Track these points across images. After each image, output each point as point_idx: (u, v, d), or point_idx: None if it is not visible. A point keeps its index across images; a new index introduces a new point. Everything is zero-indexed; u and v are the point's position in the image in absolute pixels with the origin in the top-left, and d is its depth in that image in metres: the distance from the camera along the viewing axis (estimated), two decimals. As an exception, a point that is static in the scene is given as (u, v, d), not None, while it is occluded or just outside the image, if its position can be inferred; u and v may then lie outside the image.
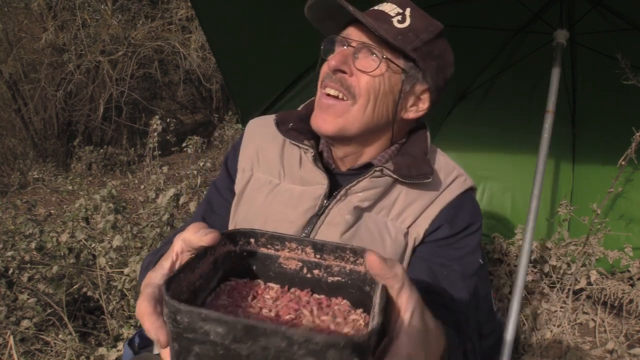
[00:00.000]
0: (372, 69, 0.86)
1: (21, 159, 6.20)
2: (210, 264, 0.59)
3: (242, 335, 0.42)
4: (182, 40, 5.80)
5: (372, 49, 0.86)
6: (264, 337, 0.42)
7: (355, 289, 0.61)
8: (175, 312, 0.44)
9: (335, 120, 0.89)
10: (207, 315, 0.43)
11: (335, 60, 0.86)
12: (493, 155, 3.02)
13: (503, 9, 2.15)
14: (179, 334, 0.45)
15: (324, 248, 0.62)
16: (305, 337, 0.41)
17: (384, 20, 0.87)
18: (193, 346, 0.45)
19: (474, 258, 0.94)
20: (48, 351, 2.03)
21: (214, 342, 0.44)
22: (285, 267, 0.63)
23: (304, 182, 0.95)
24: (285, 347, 0.42)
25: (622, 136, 2.10)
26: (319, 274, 0.63)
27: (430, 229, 0.93)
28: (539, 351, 2.29)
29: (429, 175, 0.89)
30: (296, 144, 0.95)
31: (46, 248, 2.34)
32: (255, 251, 0.64)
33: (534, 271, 2.67)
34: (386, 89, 0.89)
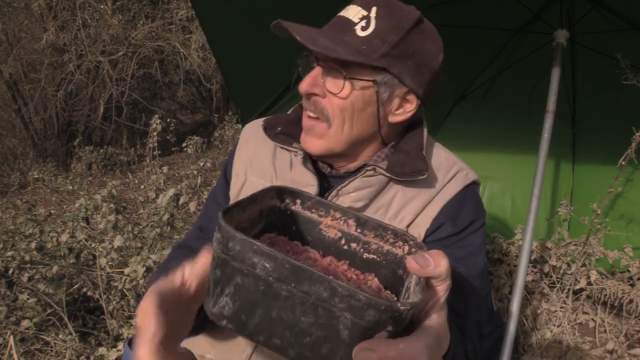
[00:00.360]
0: (338, 90, 0.84)
1: (21, 159, 6.20)
2: (257, 211, 0.59)
3: (287, 275, 0.43)
4: (182, 41, 5.80)
5: (337, 69, 0.83)
6: (308, 282, 0.42)
7: (389, 270, 0.61)
8: (229, 239, 0.44)
9: (318, 142, 0.89)
10: (260, 248, 0.43)
11: (305, 85, 0.85)
12: (493, 155, 3.02)
13: (503, 9, 2.15)
14: (226, 261, 0.45)
15: (367, 224, 0.62)
16: (350, 292, 0.41)
17: (346, 31, 0.82)
18: (236, 276, 0.45)
19: (479, 258, 0.91)
20: (48, 351, 2.03)
21: (258, 276, 0.44)
22: (324, 234, 0.63)
23: (294, 184, 0.92)
24: (326, 297, 0.42)
25: (622, 136, 2.10)
26: (355, 248, 0.63)
27: (431, 228, 0.90)
28: (539, 351, 2.29)
29: (424, 171, 0.86)
30: (285, 148, 0.95)
31: (46, 248, 2.34)
32: (299, 212, 0.64)
33: (534, 271, 2.67)
34: (360, 106, 0.86)
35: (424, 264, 0.48)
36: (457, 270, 0.88)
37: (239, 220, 0.54)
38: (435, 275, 0.49)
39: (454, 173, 0.94)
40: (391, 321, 0.42)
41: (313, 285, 0.42)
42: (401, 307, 0.42)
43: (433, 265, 0.49)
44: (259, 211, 0.59)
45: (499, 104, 2.83)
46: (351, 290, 0.41)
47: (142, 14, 6.00)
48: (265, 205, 0.61)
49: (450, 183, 0.93)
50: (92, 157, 6.04)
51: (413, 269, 0.49)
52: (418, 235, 0.90)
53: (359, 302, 0.41)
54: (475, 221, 0.93)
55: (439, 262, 0.49)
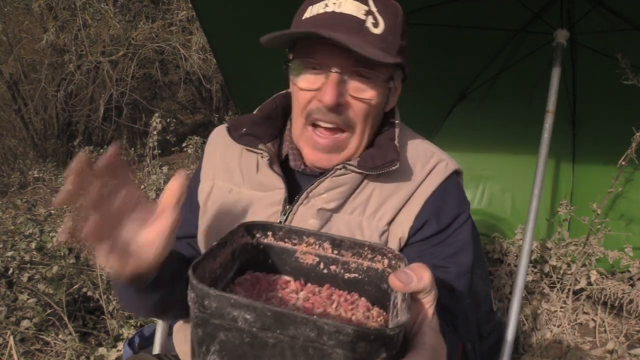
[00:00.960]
0: (368, 96, 0.80)
1: (21, 159, 6.20)
2: (229, 254, 0.58)
3: (271, 323, 0.42)
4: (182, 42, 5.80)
5: (362, 73, 0.79)
6: (293, 325, 0.41)
7: (372, 286, 0.61)
8: (204, 297, 0.44)
9: (338, 157, 0.85)
10: (237, 301, 0.42)
11: (332, 96, 0.77)
12: (493, 155, 3.03)
13: (503, 9, 2.15)
14: (205, 319, 0.44)
15: (342, 244, 0.61)
16: (337, 328, 0.40)
17: (361, 31, 0.78)
18: (218, 333, 0.44)
19: (467, 253, 0.88)
20: (48, 351, 2.03)
21: (241, 329, 0.43)
22: (301, 262, 0.63)
23: (262, 187, 0.90)
24: (314, 337, 0.41)
25: (622, 136, 2.10)
26: (335, 270, 0.62)
27: (415, 226, 0.86)
28: (539, 351, 2.28)
29: (395, 161, 0.82)
30: (250, 150, 0.90)
31: (46, 248, 2.34)
32: (272, 245, 0.63)
33: (534, 271, 2.67)
34: (380, 105, 0.85)
35: (406, 280, 0.48)
36: (447, 268, 0.86)
37: (211, 269, 0.53)
38: (420, 289, 0.49)
39: (434, 164, 0.90)
40: (384, 348, 0.42)
41: (298, 328, 0.41)
42: (390, 333, 0.41)
43: (416, 280, 0.48)
44: (230, 253, 0.59)
45: (499, 104, 2.83)
46: (338, 326, 0.40)
47: (143, 14, 6.00)
48: (236, 245, 0.60)
49: (430, 176, 0.89)
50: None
51: (396, 287, 0.48)
52: (402, 235, 0.87)
53: (348, 336, 0.40)
54: (461, 214, 0.90)
55: (422, 276, 0.49)
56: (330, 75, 0.78)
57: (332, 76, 0.78)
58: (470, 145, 2.95)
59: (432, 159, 0.91)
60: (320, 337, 0.41)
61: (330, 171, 0.86)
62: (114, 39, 5.84)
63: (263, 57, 2.09)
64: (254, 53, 2.07)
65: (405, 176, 0.88)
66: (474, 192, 3.02)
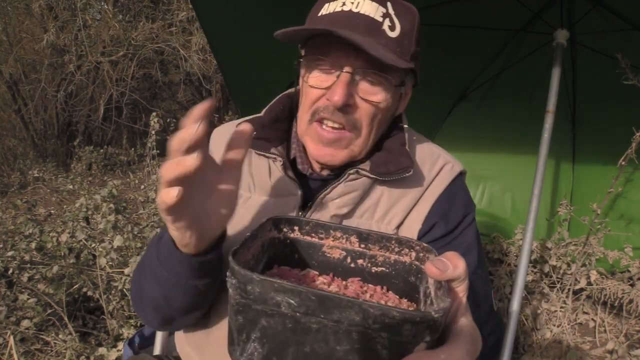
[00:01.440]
0: (378, 99, 0.80)
1: (21, 159, 6.20)
2: (259, 246, 0.59)
3: (315, 307, 0.42)
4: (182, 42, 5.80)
5: (373, 76, 0.78)
6: (338, 309, 0.41)
7: (400, 279, 0.61)
8: (247, 282, 0.43)
9: (342, 153, 0.83)
10: (281, 285, 0.42)
11: (341, 96, 0.76)
12: (493, 155, 3.03)
13: (503, 9, 2.15)
14: (247, 305, 0.44)
15: (369, 237, 0.61)
16: (382, 311, 0.40)
17: (377, 33, 0.77)
18: (260, 319, 0.44)
19: (472, 254, 0.88)
20: (48, 351, 2.03)
21: (284, 314, 0.43)
22: (328, 256, 0.63)
23: (275, 193, 0.87)
24: (359, 321, 0.41)
25: (622, 136, 2.10)
26: (363, 264, 0.62)
27: (424, 229, 0.86)
28: (539, 351, 2.28)
29: (409, 168, 0.82)
30: (262, 154, 0.88)
31: (46, 248, 2.34)
32: (298, 239, 0.63)
33: (534, 271, 2.67)
34: (389, 109, 0.84)
35: (443, 267, 0.49)
36: None
37: (245, 259, 0.54)
38: (455, 276, 0.49)
39: (440, 167, 0.90)
40: (428, 331, 0.42)
41: (343, 311, 0.41)
42: (436, 315, 0.41)
43: (452, 268, 0.49)
44: (260, 246, 0.59)
45: (498, 104, 2.83)
46: (383, 309, 0.40)
47: (143, 14, 6.00)
48: (265, 238, 0.61)
49: (437, 178, 0.89)
50: (92, 157, 6.04)
51: (433, 274, 0.49)
52: (410, 236, 0.86)
53: (394, 319, 0.40)
54: (467, 215, 0.90)
55: (457, 264, 0.50)
56: (342, 75, 0.78)
57: (343, 76, 0.77)
58: (470, 145, 2.95)
59: (438, 161, 0.91)
60: (365, 320, 0.41)
61: (342, 176, 0.85)
62: (114, 39, 5.84)
63: (263, 57, 2.09)
64: (254, 53, 2.07)
65: (412, 179, 0.87)
66: (474, 192, 3.02)
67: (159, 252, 0.72)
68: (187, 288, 0.72)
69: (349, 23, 0.77)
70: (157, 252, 0.72)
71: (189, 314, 0.80)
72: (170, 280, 0.71)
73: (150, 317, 0.83)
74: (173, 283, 0.72)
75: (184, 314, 0.80)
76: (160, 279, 0.73)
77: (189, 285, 0.71)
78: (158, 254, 0.72)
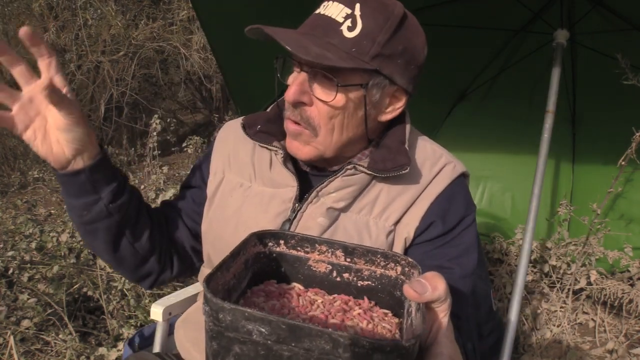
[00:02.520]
0: (330, 98, 0.79)
1: (21, 159, 6.20)
2: (242, 264, 0.59)
3: (286, 335, 0.42)
4: (183, 42, 5.80)
5: (326, 76, 0.78)
6: (308, 338, 0.41)
7: (386, 293, 0.61)
8: (218, 310, 0.44)
9: (305, 148, 0.85)
10: (251, 315, 0.42)
11: (293, 93, 0.80)
12: (493, 155, 3.03)
13: (503, 9, 2.15)
14: (220, 332, 0.44)
15: (355, 251, 0.61)
16: (352, 340, 0.40)
17: (332, 32, 0.77)
18: (233, 346, 0.45)
19: (472, 256, 0.89)
20: (48, 351, 2.03)
21: (256, 342, 0.43)
22: (314, 270, 0.63)
23: (274, 184, 0.91)
24: (329, 350, 0.41)
25: (622, 136, 2.10)
26: (348, 278, 0.62)
27: (421, 227, 0.87)
28: (539, 351, 2.28)
29: (406, 165, 0.83)
30: (265, 146, 0.91)
31: (46, 248, 2.34)
32: (284, 253, 0.63)
33: (534, 271, 2.67)
34: (351, 111, 0.82)
35: (421, 290, 0.48)
36: (451, 270, 0.86)
37: (224, 281, 0.54)
38: (434, 298, 0.48)
39: (441, 167, 0.90)
40: (400, 358, 0.42)
41: (314, 340, 0.41)
42: (406, 344, 0.41)
43: (430, 290, 0.48)
44: (243, 263, 0.59)
45: (499, 104, 2.83)
46: (353, 338, 0.40)
47: (144, 14, 6.00)
48: (249, 254, 0.61)
49: (438, 178, 0.89)
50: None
51: (411, 297, 0.48)
52: (407, 235, 0.87)
53: (363, 348, 0.40)
54: (466, 217, 0.90)
55: (436, 285, 0.49)
56: (300, 74, 0.81)
57: (301, 75, 0.81)
58: (470, 145, 2.95)
59: (440, 160, 0.91)
60: (335, 349, 0.41)
61: (339, 170, 0.86)
62: (114, 38, 5.84)
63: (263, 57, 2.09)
64: (253, 53, 2.07)
65: (412, 177, 0.88)
66: (474, 192, 3.02)
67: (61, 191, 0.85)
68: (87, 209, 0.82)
69: (311, 25, 0.81)
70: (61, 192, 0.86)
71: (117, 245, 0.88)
72: (73, 206, 0.83)
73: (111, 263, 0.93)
74: (74, 207, 0.83)
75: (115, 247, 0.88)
76: (70, 212, 0.85)
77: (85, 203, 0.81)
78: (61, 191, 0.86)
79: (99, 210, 0.82)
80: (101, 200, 0.81)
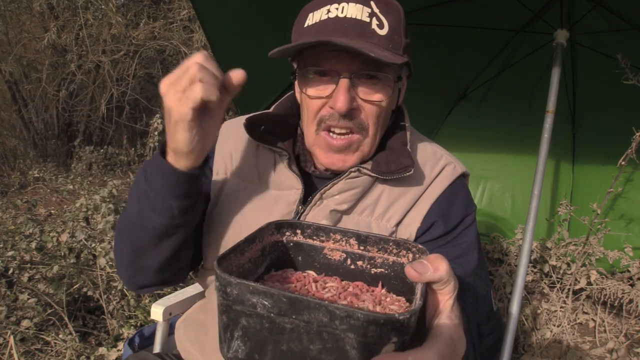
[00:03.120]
0: (378, 98, 0.81)
1: (21, 159, 6.20)
2: (258, 250, 0.61)
3: (286, 308, 0.44)
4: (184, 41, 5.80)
5: (370, 76, 0.79)
6: (307, 310, 0.43)
7: (398, 280, 0.63)
8: (226, 285, 0.46)
9: (353, 156, 0.85)
10: (255, 288, 0.45)
11: (343, 103, 0.78)
12: (493, 155, 3.03)
13: (503, 9, 2.15)
14: (228, 306, 0.47)
15: (368, 240, 0.64)
16: (347, 313, 0.42)
17: (368, 34, 0.78)
18: (240, 318, 0.47)
19: (472, 255, 0.89)
20: (48, 351, 2.03)
21: (260, 314, 0.46)
22: (329, 258, 0.66)
23: (278, 186, 0.90)
24: (327, 322, 0.43)
25: (622, 136, 2.10)
26: (362, 265, 0.64)
27: (423, 227, 0.87)
28: (539, 351, 2.29)
29: (410, 167, 0.83)
30: (269, 148, 0.90)
31: (46, 248, 2.35)
32: (301, 242, 0.66)
33: (534, 271, 2.67)
34: (390, 105, 0.85)
35: (422, 270, 0.49)
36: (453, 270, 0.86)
37: (238, 263, 0.56)
38: (436, 279, 0.49)
39: (442, 167, 0.91)
40: (394, 332, 0.43)
41: (312, 313, 0.43)
42: (400, 317, 0.42)
43: (432, 270, 0.49)
44: (260, 250, 0.62)
45: (499, 104, 2.83)
46: (348, 311, 0.42)
47: (144, 13, 6.00)
48: (266, 242, 0.63)
49: (438, 178, 0.90)
50: (93, 157, 6.05)
51: (412, 277, 0.49)
52: (410, 235, 0.88)
53: (358, 320, 0.42)
54: (467, 216, 0.91)
55: (438, 266, 0.50)
56: (340, 82, 0.79)
57: (342, 82, 0.78)
58: (471, 145, 2.95)
59: (440, 161, 0.92)
60: (332, 321, 0.43)
61: (343, 173, 0.86)
62: (114, 37, 5.84)
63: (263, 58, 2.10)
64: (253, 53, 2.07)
65: (413, 178, 0.88)
66: (474, 192, 3.02)
67: (146, 167, 0.77)
68: (163, 208, 0.75)
69: (338, 29, 0.78)
70: (145, 167, 0.77)
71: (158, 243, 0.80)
72: (149, 196, 0.75)
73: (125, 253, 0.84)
74: (151, 199, 0.75)
75: (154, 242, 0.80)
76: (140, 193, 0.76)
77: (165, 205, 0.75)
78: (146, 168, 0.77)
79: (194, 212, 0.81)
80: (197, 203, 0.81)
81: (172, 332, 1.11)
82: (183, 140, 0.69)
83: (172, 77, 0.67)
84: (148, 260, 0.83)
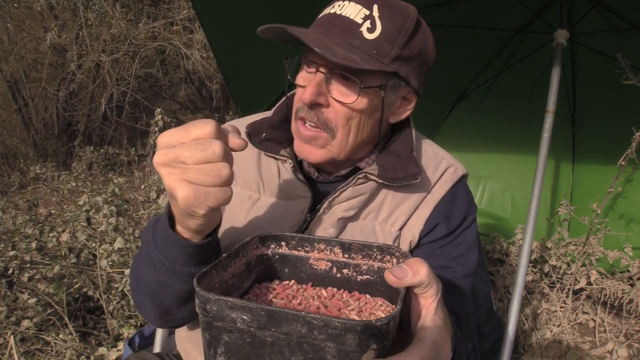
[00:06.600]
0: (349, 100, 0.78)
1: (21, 159, 6.20)
2: (242, 265, 0.61)
3: (265, 321, 0.44)
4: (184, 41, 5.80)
5: (346, 77, 0.77)
6: (285, 322, 0.44)
7: (385, 286, 0.62)
8: (205, 302, 0.46)
9: (320, 152, 0.83)
10: (234, 303, 0.45)
11: (309, 94, 0.76)
12: (493, 155, 3.03)
13: (503, 9, 2.15)
14: (209, 323, 0.47)
15: (352, 247, 0.64)
16: (325, 322, 0.42)
17: (352, 34, 0.76)
18: (222, 335, 0.47)
19: (473, 255, 0.90)
20: (48, 351, 2.03)
21: (240, 329, 0.46)
22: (315, 268, 0.66)
23: (285, 195, 0.88)
24: (306, 333, 0.43)
25: (622, 136, 2.10)
26: (348, 273, 0.65)
27: (425, 229, 0.87)
28: (539, 351, 2.29)
29: (417, 175, 0.82)
30: (272, 156, 0.88)
31: (47, 248, 2.35)
32: (286, 254, 0.66)
33: (534, 271, 2.67)
34: (368, 113, 0.81)
35: (400, 275, 0.49)
36: (454, 269, 0.87)
37: (221, 279, 0.56)
38: (416, 283, 0.49)
39: (443, 170, 0.91)
40: (373, 339, 0.43)
41: (291, 324, 0.43)
42: (377, 324, 0.42)
43: (411, 274, 0.49)
44: (245, 264, 0.62)
45: (499, 104, 2.83)
46: (325, 320, 0.42)
47: (144, 13, 5.99)
48: (251, 256, 0.63)
49: (440, 181, 0.90)
50: (93, 157, 6.05)
51: (391, 282, 0.49)
52: (412, 238, 0.87)
53: (336, 329, 0.42)
54: (468, 216, 0.91)
55: (417, 270, 0.49)
56: (316, 75, 0.78)
57: (317, 75, 0.78)
58: (470, 145, 2.95)
59: (442, 163, 0.92)
60: (311, 332, 0.43)
61: (352, 180, 0.85)
62: (115, 37, 5.84)
63: (263, 58, 2.09)
64: (253, 53, 2.07)
65: (416, 183, 0.87)
66: (474, 192, 3.02)
67: (155, 235, 0.71)
68: (182, 275, 0.71)
69: (327, 25, 0.78)
70: (154, 234, 0.71)
71: (185, 304, 0.78)
72: (164, 264, 0.70)
73: (148, 307, 0.80)
74: (167, 267, 0.70)
75: (180, 304, 0.77)
76: (154, 261, 0.71)
77: (184, 272, 0.70)
78: (154, 236, 0.71)
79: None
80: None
81: (172, 332, 1.11)
82: (193, 226, 0.63)
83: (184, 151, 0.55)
84: (177, 315, 0.80)
